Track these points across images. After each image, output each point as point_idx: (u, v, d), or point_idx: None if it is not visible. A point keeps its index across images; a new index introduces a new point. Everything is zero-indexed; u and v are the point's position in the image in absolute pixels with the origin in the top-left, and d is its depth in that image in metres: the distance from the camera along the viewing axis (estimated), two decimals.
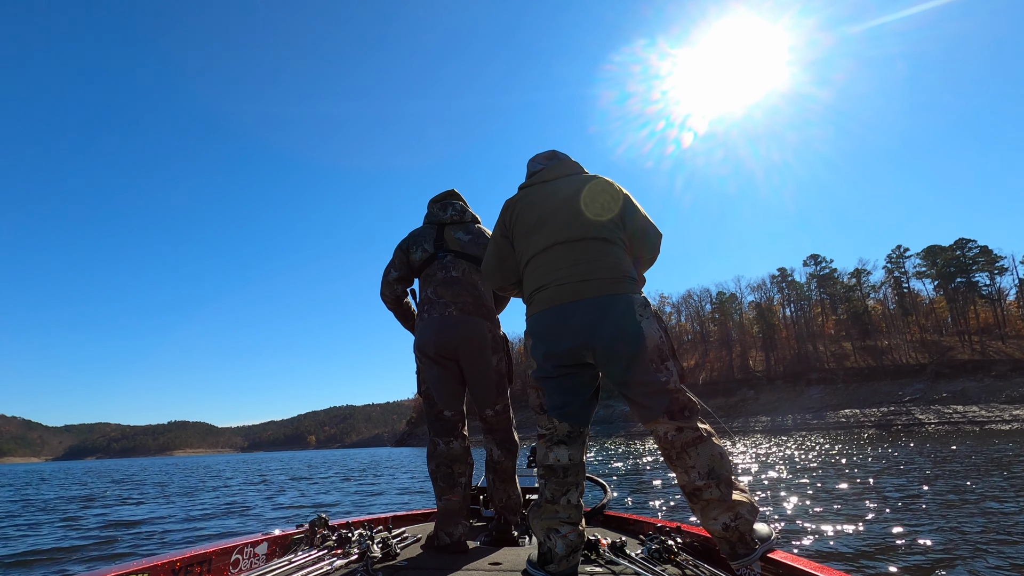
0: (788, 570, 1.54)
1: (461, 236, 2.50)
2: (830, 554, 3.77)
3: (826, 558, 3.68)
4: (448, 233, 2.51)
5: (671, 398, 1.70)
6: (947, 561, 3.46)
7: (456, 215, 2.55)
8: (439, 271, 2.43)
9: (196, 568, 1.71)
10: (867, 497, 6.34)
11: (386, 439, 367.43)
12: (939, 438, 24.02)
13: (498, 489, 2.50)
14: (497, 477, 2.49)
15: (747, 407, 69.40)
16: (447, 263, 2.44)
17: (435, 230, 2.52)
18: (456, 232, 2.51)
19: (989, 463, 10.12)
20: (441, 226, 2.53)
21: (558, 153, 2.17)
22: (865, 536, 4.27)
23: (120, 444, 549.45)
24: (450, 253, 2.46)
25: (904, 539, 4.10)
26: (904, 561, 3.50)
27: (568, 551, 1.74)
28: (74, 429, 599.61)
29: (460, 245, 2.48)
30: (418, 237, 2.52)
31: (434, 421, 2.40)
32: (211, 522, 6.87)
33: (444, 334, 2.32)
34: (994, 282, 71.49)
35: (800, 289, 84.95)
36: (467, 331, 2.32)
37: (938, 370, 60.14)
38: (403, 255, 2.53)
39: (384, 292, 2.59)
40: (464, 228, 2.53)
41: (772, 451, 18.08)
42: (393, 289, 2.58)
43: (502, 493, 2.50)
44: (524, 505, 2.85)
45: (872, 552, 3.76)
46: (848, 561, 3.58)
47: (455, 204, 2.58)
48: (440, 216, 2.55)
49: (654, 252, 2.02)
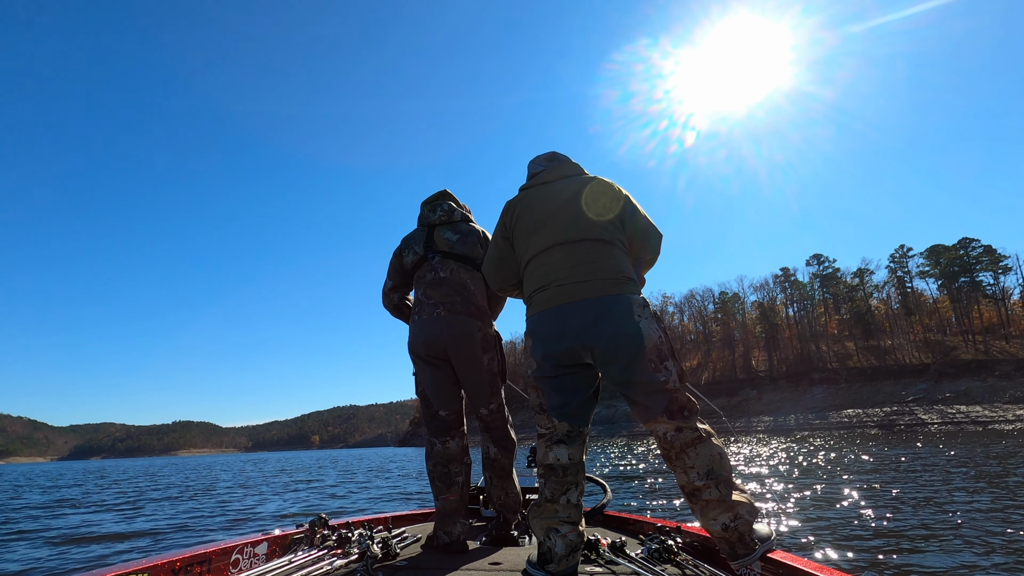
0: (788, 570, 1.54)
1: (450, 236, 2.51)
2: (830, 554, 3.76)
3: (826, 558, 3.68)
4: (437, 234, 2.52)
5: (670, 398, 1.70)
6: (947, 561, 3.45)
7: (444, 215, 2.55)
8: (428, 272, 2.45)
9: (196, 568, 1.71)
10: (868, 497, 6.33)
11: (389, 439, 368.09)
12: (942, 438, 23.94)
13: (496, 487, 2.51)
14: (494, 475, 2.51)
15: (750, 407, 69.25)
16: (436, 264, 2.45)
17: (425, 232, 2.55)
18: (445, 232, 2.52)
19: (992, 463, 10.08)
20: (431, 227, 2.55)
21: (558, 154, 2.17)
22: (865, 536, 4.26)
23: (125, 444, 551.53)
24: (438, 254, 2.47)
25: (904, 539, 4.08)
26: (904, 561, 3.49)
27: (568, 551, 1.74)
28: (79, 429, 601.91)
29: (448, 245, 2.49)
30: (410, 240, 2.56)
31: (431, 421, 2.42)
32: (211, 522, 6.89)
33: (433, 334, 2.33)
34: (998, 282, 71.13)
35: (803, 289, 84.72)
36: (455, 330, 2.33)
37: (941, 370, 59.88)
38: (397, 261, 2.57)
39: (384, 303, 2.68)
40: (453, 228, 2.54)
41: (774, 451, 18.04)
42: (390, 299, 2.65)
43: (500, 491, 2.51)
44: (524, 504, 2.85)
45: (872, 552, 3.75)
46: (848, 561, 3.58)
47: (444, 204, 2.58)
48: (430, 217, 2.57)
49: (655, 253, 2.03)
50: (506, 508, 2.51)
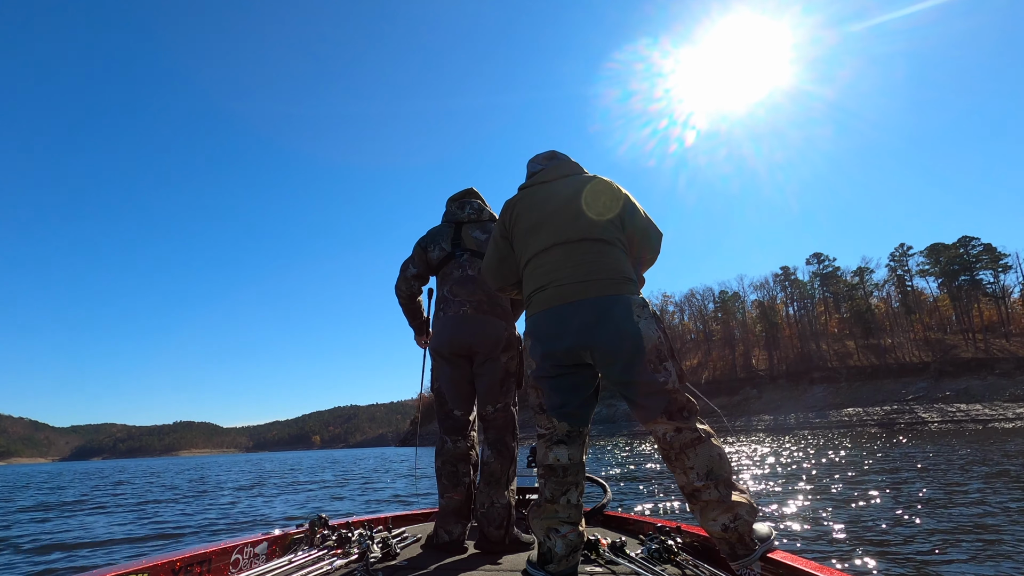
0: (788, 570, 1.54)
1: (478, 235, 2.50)
2: (830, 554, 3.76)
3: (826, 558, 3.67)
4: (465, 232, 2.51)
5: (669, 398, 1.70)
6: (947, 561, 3.45)
7: (474, 214, 2.55)
8: (455, 270, 2.44)
9: (196, 568, 1.71)
10: (868, 497, 6.33)
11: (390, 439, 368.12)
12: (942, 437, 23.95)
13: (481, 492, 2.27)
14: (483, 479, 2.29)
15: (750, 406, 69.28)
16: (463, 262, 2.44)
17: (452, 228, 2.53)
18: (473, 231, 2.51)
19: (991, 461, 10.08)
20: (459, 224, 2.54)
21: (558, 154, 2.17)
22: (865, 536, 4.26)
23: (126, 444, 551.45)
24: (467, 252, 2.46)
25: (904, 539, 4.08)
26: (904, 561, 3.49)
27: (568, 551, 1.74)
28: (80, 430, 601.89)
29: (477, 244, 2.48)
30: (436, 235, 2.53)
31: (444, 419, 2.42)
32: (211, 522, 6.89)
33: (459, 333, 2.33)
34: (998, 280, 71.20)
35: (803, 288, 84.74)
36: (482, 330, 2.33)
37: (941, 368, 59.92)
38: (421, 252, 2.53)
39: (400, 286, 2.58)
40: (481, 227, 2.53)
41: (774, 450, 18.04)
42: (410, 285, 2.58)
43: (485, 497, 2.25)
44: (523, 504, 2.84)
45: (872, 552, 3.75)
46: (848, 561, 3.58)
47: (473, 203, 2.58)
48: (458, 215, 2.55)
49: (655, 252, 2.03)
50: (488, 520, 2.21)
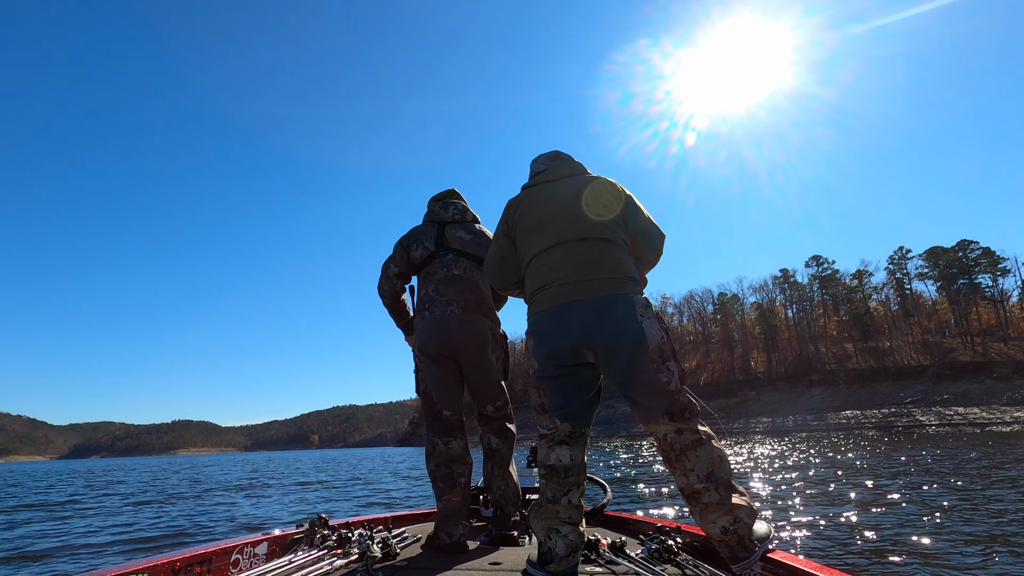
0: (788, 570, 1.54)
1: (462, 235, 2.50)
2: (830, 554, 3.76)
3: (826, 558, 3.67)
4: (449, 231, 2.51)
5: (671, 399, 1.70)
6: (947, 561, 3.46)
7: (458, 214, 2.55)
8: (440, 269, 2.43)
9: (196, 568, 1.71)
10: (867, 497, 6.33)
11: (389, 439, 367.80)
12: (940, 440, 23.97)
13: (495, 476, 2.49)
14: (495, 464, 2.50)
15: (748, 408, 69.26)
16: (448, 261, 2.44)
17: (436, 228, 2.52)
18: (457, 231, 2.51)
19: (989, 465, 10.09)
20: (442, 224, 2.53)
21: (561, 154, 2.17)
22: (864, 536, 4.26)
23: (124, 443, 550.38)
24: (451, 251, 2.46)
25: (903, 539, 4.08)
26: (904, 561, 3.50)
27: (568, 551, 1.74)
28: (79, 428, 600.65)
29: (461, 244, 2.48)
30: (419, 235, 2.52)
31: (433, 421, 2.40)
32: (211, 522, 6.88)
33: (447, 332, 2.31)
34: (996, 284, 71.28)
35: (802, 290, 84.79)
36: (470, 329, 2.32)
37: (940, 372, 59.94)
38: (403, 251, 2.51)
39: (383, 286, 2.56)
40: (465, 227, 2.54)
41: (772, 452, 18.04)
42: (393, 284, 2.55)
43: (500, 480, 2.48)
44: (524, 504, 2.84)
45: (872, 552, 3.75)
46: (848, 561, 3.58)
47: (456, 203, 2.58)
48: (441, 215, 2.55)
49: (657, 253, 2.03)
50: (505, 499, 2.47)
